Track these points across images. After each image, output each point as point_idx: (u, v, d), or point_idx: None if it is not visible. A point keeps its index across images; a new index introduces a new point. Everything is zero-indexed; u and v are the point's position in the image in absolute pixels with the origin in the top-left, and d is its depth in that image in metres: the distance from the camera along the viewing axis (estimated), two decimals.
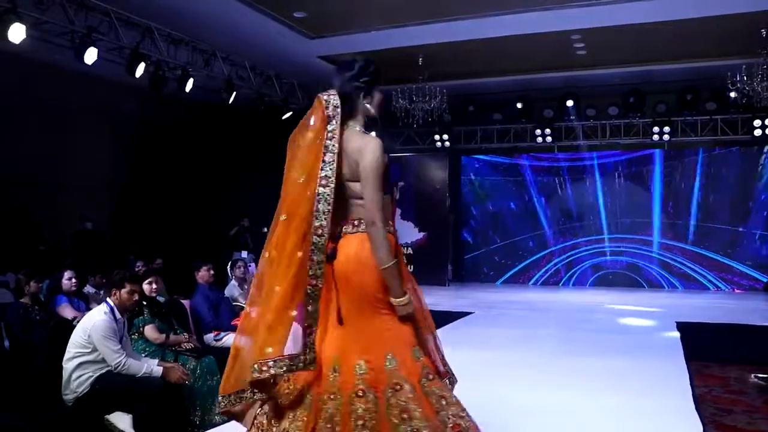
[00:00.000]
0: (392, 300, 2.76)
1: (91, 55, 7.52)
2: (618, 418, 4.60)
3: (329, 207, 2.69)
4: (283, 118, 11.36)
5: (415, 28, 9.28)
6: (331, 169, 2.70)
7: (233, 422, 4.63)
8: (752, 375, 6.20)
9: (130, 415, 4.12)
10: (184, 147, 12.25)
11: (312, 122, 2.77)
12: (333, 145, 2.73)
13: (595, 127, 13.08)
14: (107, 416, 4.17)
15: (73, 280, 5.96)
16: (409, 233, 14.16)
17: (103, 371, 4.16)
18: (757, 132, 11.70)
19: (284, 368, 2.66)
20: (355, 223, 2.80)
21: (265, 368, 2.64)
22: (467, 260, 14.86)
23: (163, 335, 5.14)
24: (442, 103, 11.24)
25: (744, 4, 8.22)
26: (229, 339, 6.06)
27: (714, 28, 9.16)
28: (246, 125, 12.35)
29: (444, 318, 8.19)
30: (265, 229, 11.03)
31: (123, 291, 4.35)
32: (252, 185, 13.62)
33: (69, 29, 7.51)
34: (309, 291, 2.73)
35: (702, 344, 7.52)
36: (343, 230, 2.81)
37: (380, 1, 8.57)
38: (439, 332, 3.10)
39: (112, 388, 4.14)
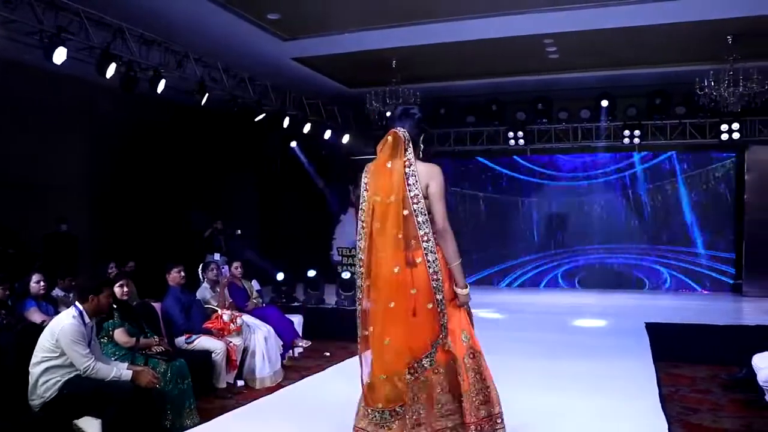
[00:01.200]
0: (457, 290, 3.58)
1: (60, 55, 7.39)
2: (585, 419, 4.66)
3: (426, 217, 3.49)
4: (256, 119, 11.28)
5: (389, 31, 9.28)
6: (417, 188, 3.49)
7: (204, 426, 4.63)
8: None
9: (100, 420, 4.08)
10: (157, 148, 12.11)
11: (390, 151, 3.58)
12: (413, 171, 3.52)
13: (567, 130, 13.21)
14: (75, 421, 4.12)
15: (42, 284, 5.85)
16: None
17: (71, 376, 4.11)
18: (724, 136, 11.90)
19: (434, 350, 3.47)
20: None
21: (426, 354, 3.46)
22: None
23: (133, 339, 5.09)
24: (415, 106, 11.25)
25: (711, 11, 8.36)
26: (200, 342, 6.03)
27: (683, 34, 9.30)
28: (219, 127, 12.28)
29: None
30: (239, 231, 10.93)
31: (101, 296, 4.33)
32: (225, 187, 13.57)
33: (38, 28, 7.39)
34: (434, 285, 3.47)
35: (671, 344, 7.64)
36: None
37: (354, 3, 8.57)
38: None
39: (81, 392, 4.09)
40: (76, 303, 4.31)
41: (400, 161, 3.54)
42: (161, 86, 8.98)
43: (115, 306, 5.01)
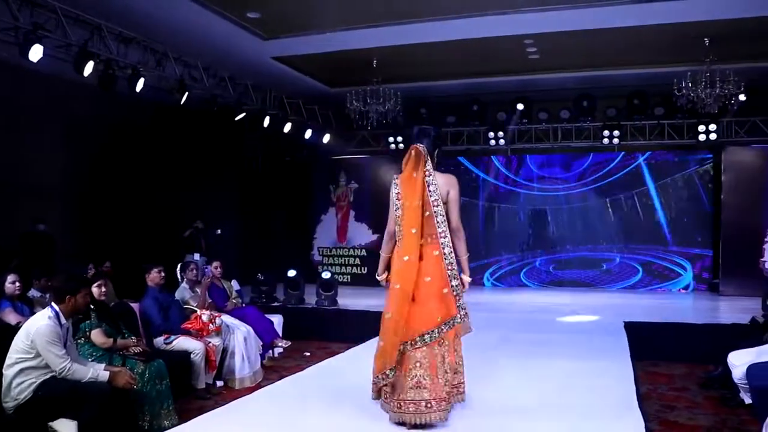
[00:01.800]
0: (464, 277, 4.48)
1: (36, 53, 7.30)
2: (563, 417, 4.67)
3: (444, 218, 4.30)
4: (236, 119, 11.22)
5: (369, 31, 9.27)
6: (437, 194, 4.31)
7: (182, 426, 4.59)
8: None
9: (75, 422, 4.04)
10: (135, 147, 11.99)
11: (414, 164, 4.33)
12: (433, 180, 4.32)
13: (547, 130, 13.28)
14: (51, 423, 4.07)
15: (17, 284, 5.76)
16: (363, 235, 14.20)
17: (47, 377, 4.06)
18: (702, 137, 12.05)
19: (450, 326, 4.29)
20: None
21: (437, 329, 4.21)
22: None
23: (111, 339, 5.04)
24: (396, 106, 11.28)
25: (689, 14, 8.45)
26: (179, 342, 5.98)
27: (661, 36, 9.40)
28: (199, 126, 12.18)
29: None
30: (219, 231, 10.88)
31: (78, 297, 4.28)
32: (205, 187, 13.47)
33: (13, 25, 7.28)
34: (450, 273, 4.31)
35: (649, 343, 7.70)
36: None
37: (335, 3, 8.56)
38: None
39: (56, 394, 4.04)
40: (52, 304, 4.25)
41: (421, 172, 4.29)
42: (140, 85, 8.90)
43: (92, 306, 4.96)
